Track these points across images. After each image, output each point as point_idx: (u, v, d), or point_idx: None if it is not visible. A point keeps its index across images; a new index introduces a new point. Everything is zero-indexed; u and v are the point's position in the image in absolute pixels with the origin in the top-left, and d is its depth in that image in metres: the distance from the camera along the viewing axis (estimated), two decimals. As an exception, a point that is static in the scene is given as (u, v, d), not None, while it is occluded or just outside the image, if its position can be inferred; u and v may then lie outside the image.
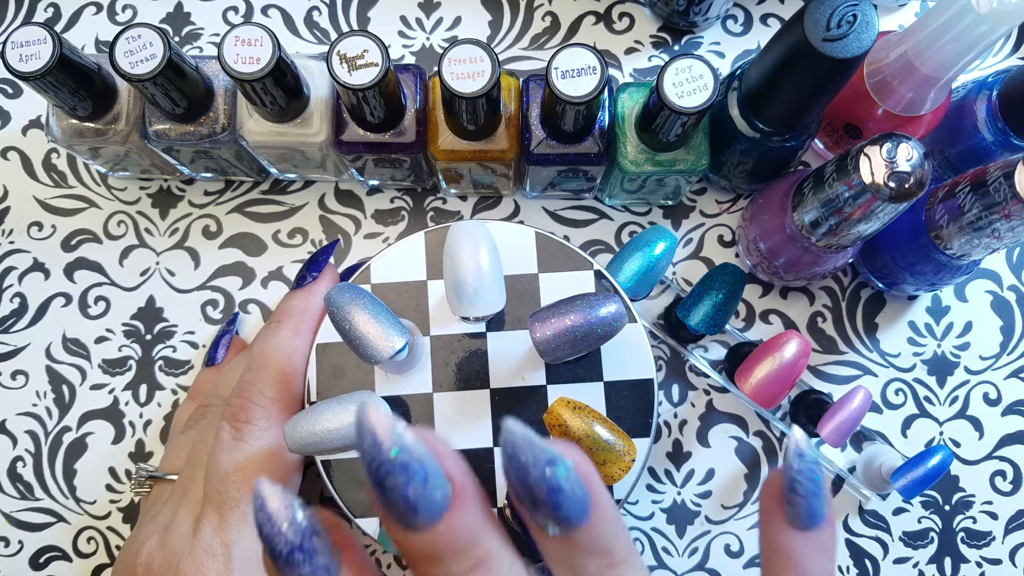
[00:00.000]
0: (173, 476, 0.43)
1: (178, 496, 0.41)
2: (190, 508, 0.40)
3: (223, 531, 0.38)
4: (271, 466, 0.39)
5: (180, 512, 0.40)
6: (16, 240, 0.52)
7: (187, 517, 0.39)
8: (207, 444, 0.41)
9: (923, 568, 0.49)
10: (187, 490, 0.40)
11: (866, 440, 0.49)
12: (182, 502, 0.40)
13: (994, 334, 0.51)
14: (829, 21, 0.36)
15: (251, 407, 0.40)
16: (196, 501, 0.40)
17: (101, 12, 0.54)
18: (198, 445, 0.42)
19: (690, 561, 0.49)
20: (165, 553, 0.38)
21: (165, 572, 0.38)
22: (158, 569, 0.38)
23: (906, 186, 0.37)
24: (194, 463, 0.41)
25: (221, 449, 0.39)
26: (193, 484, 0.40)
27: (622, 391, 0.41)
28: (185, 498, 0.40)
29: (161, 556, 0.38)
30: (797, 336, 0.42)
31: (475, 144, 0.44)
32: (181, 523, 0.39)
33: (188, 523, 0.39)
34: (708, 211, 0.52)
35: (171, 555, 0.38)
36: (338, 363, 0.42)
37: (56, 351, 0.51)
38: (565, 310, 0.36)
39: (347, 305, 0.36)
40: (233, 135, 0.44)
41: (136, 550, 0.39)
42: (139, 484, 0.44)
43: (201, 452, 0.41)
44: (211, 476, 0.39)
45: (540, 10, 0.54)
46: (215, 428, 0.41)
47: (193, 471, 0.41)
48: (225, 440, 0.39)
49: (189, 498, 0.40)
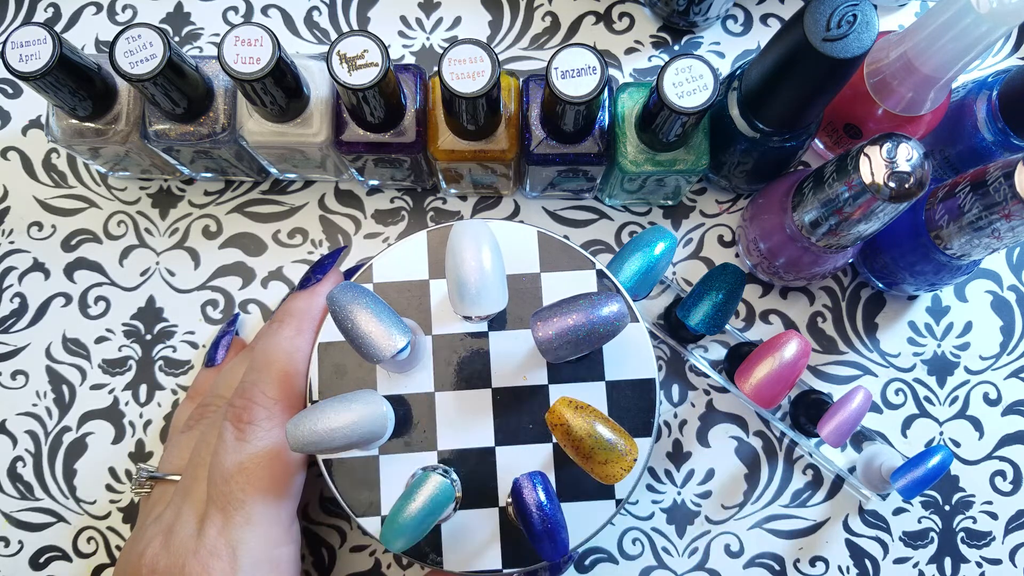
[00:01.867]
0: (174, 476, 0.43)
1: (181, 497, 0.40)
2: (193, 509, 0.39)
3: (227, 532, 0.38)
4: (274, 466, 0.39)
5: (183, 513, 0.40)
6: (16, 240, 0.51)
7: (191, 518, 0.39)
8: (209, 444, 0.41)
9: (923, 568, 0.49)
10: (190, 491, 0.40)
11: (866, 440, 0.49)
12: (185, 503, 0.40)
13: (994, 334, 0.52)
14: (829, 21, 0.36)
15: (254, 407, 0.40)
16: (199, 502, 0.40)
17: (101, 12, 0.54)
18: (200, 446, 0.42)
19: (690, 561, 0.49)
20: (169, 555, 0.38)
21: (169, 574, 0.38)
22: (163, 571, 0.38)
23: (906, 186, 0.37)
24: (196, 463, 0.41)
25: (224, 449, 0.39)
26: (196, 485, 0.40)
27: (624, 390, 0.41)
28: (188, 499, 0.40)
29: (165, 558, 0.38)
30: (797, 336, 0.42)
31: (475, 144, 0.44)
32: (185, 524, 0.39)
33: (192, 524, 0.39)
34: (708, 211, 0.52)
35: (175, 557, 0.38)
36: (340, 362, 0.41)
37: (56, 351, 0.51)
38: (567, 309, 0.36)
39: (349, 304, 0.36)
40: (233, 135, 0.44)
41: (140, 552, 0.39)
42: (139, 484, 0.44)
43: (204, 452, 0.41)
44: (214, 476, 0.39)
45: (540, 10, 0.54)
46: (217, 428, 0.41)
47: (196, 471, 0.41)
48: (228, 440, 0.39)
49: (192, 499, 0.40)
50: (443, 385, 0.41)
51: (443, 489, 0.36)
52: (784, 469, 0.50)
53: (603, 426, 0.35)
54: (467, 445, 0.41)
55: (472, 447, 0.41)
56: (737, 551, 0.49)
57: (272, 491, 0.39)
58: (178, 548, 0.38)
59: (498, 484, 0.40)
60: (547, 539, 0.36)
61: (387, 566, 0.49)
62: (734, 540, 0.49)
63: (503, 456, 0.41)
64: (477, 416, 0.41)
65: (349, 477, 0.40)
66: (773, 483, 0.50)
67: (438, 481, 0.36)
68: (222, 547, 0.38)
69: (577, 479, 0.40)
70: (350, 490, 0.40)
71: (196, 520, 0.39)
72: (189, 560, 0.38)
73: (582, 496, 0.40)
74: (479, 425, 0.41)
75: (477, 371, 0.41)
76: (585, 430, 0.34)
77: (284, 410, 0.40)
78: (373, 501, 0.40)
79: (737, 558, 0.49)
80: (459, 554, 0.40)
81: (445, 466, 0.40)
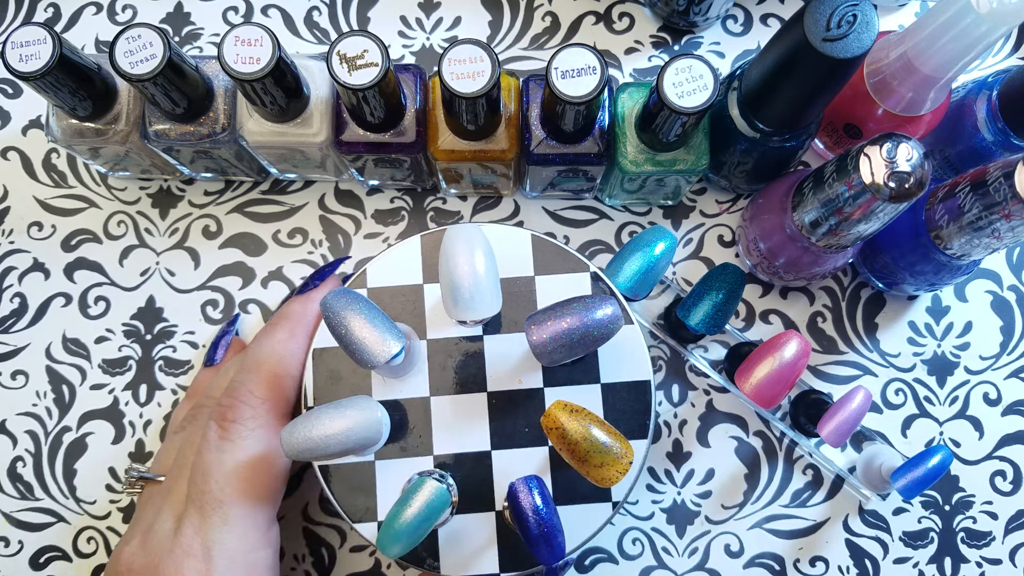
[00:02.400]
0: (163, 477, 0.43)
1: (162, 496, 0.40)
2: (172, 508, 0.39)
3: (204, 532, 0.38)
4: (257, 466, 0.39)
5: (163, 512, 0.39)
6: (16, 240, 0.52)
7: (169, 517, 0.39)
8: (195, 444, 0.41)
9: (923, 568, 0.49)
10: (171, 490, 0.40)
11: (866, 440, 0.49)
12: (166, 502, 0.40)
13: (994, 334, 0.51)
14: (829, 21, 0.36)
15: (239, 406, 0.40)
16: (179, 501, 0.39)
17: (101, 12, 0.54)
18: (186, 446, 0.41)
19: (690, 561, 0.49)
20: (146, 554, 0.38)
21: (145, 573, 0.38)
22: (139, 570, 0.38)
23: (906, 186, 0.37)
24: (181, 463, 0.41)
25: (207, 448, 0.39)
26: (178, 484, 0.40)
27: (619, 393, 0.41)
28: (169, 498, 0.40)
29: (142, 557, 0.38)
30: (797, 336, 0.42)
31: (475, 144, 0.44)
32: (163, 523, 0.39)
33: (169, 523, 0.39)
34: (708, 211, 0.52)
35: (151, 556, 0.38)
36: (335, 368, 0.41)
37: (56, 351, 0.51)
38: (561, 313, 0.36)
39: (343, 310, 0.36)
40: (233, 135, 0.44)
41: (120, 551, 0.39)
42: (130, 485, 0.44)
43: (188, 452, 0.41)
44: (195, 475, 0.39)
45: (540, 10, 0.54)
46: (203, 427, 0.41)
47: (180, 471, 0.40)
48: (211, 439, 0.39)
49: (173, 498, 0.40)
50: (438, 390, 0.41)
51: (439, 494, 0.36)
52: (784, 469, 0.50)
53: (598, 429, 0.35)
54: (463, 449, 0.41)
55: (468, 451, 0.41)
56: (737, 551, 0.49)
57: (252, 493, 0.39)
58: (154, 547, 0.38)
59: (494, 488, 0.40)
60: (543, 543, 0.36)
61: (387, 566, 0.49)
62: (734, 540, 0.49)
63: (499, 460, 0.41)
64: (473, 420, 0.41)
65: (345, 483, 0.40)
66: (773, 483, 0.50)
67: (434, 486, 0.36)
68: (197, 547, 0.37)
69: (573, 482, 0.40)
70: (346, 496, 0.40)
71: (174, 519, 0.39)
72: (164, 559, 0.37)
73: (578, 499, 0.40)
74: (475, 429, 0.41)
75: (472, 375, 0.41)
76: (580, 433, 0.34)
77: (271, 411, 0.40)
78: (369, 507, 0.40)
79: (737, 558, 0.49)
80: (456, 558, 0.40)
81: (441, 471, 0.40)
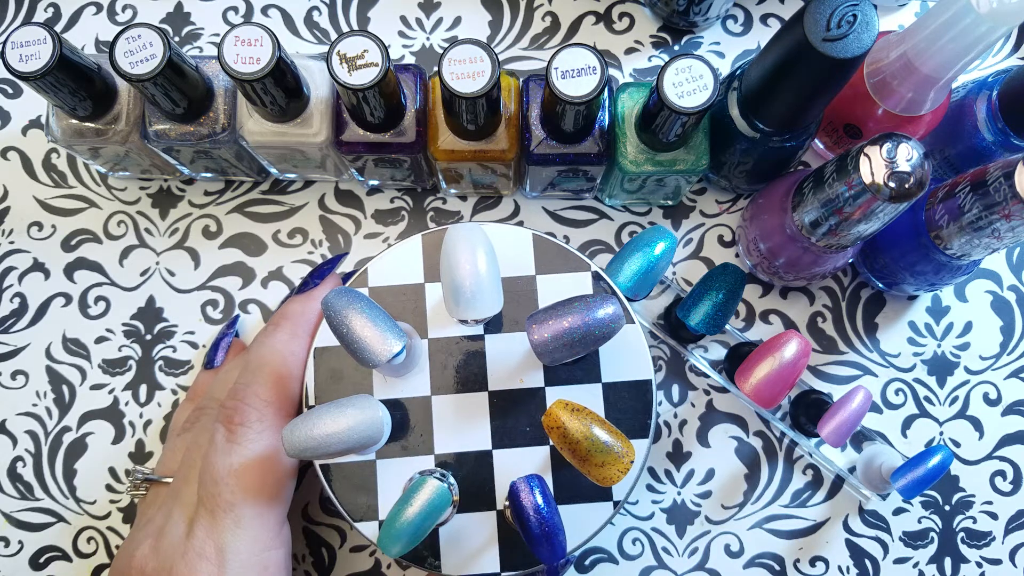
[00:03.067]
0: (168, 479, 0.43)
1: (172, 499, 0.40)
2: (183, 511, 0.39)
3: (216, 534, 0.38)
4: (264, 469, 0.39)
5: (174, 515, 0.39)
6: (16, 240, 0.52)
7: (180, 520, 0.39)
8: (201, 447, 0.41)
9: (923, 568, 0.49)
10: (180, 493, 0.40)
11: (866, 440, 0.49)
12: (175, 505, 0.40)
13: (994, 334, 0.51)
14: (829, 21, 0.36)
15: (245, 409, 0.40)
16: (190, 504, 0.39)
17: (101, 12, 0.54)
18: (192, 448, 0.41)
19: (690, 561, 0.49)
20: (158, 557, 0.38)
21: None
22: (151, 573, 0.38)
23: (906, 186, 0.37)
24: (188, 466, 0.41)
25: (215, 451, 0.39)
26: (187, 487, 0.40)
27: (620, 392, 0.41)
28: (178, 501, 0.40)
29: (154, 560, 0.38)
30: (797, 336, 0.42)
31: (475, 144, 0.44)
32: (174, 526, 0.39)
33: (181, 526, 0.39)
34: (708, 211, 0.52)
35: (164, 559, 0.38)
36: (336, 367, 0.41)
37: (56, 351, 0.51)
38: (563, 312, 0.36)
39: (344, 309, 0.36)
40: (233, 135, 0.44)
41: (131, 554, 0.39)
42: (135, 487, 0.44)
43: (195, 455, 0.41)
44: (205, 479, 0.39)
45: (540, 10, 0.54)
46: (209, 430, 0.41)
47: (187, 474, 0.40)
48: (219, 442, 0.39)
49: (182, 501, 0.40)
50: (439, 389, 0.41)
51: (440, 493, 0.36)
52: (784, 469, 0.50)
53: (599, 428, 0.35)
54: (464, 448, 0.41)
55: (469, 450, 0.41)
56: (737, 551, 0.49)
57: (262, 494, 0.39)
58: (167, 550, 0.38)
59: (495, 487, 0.40)
60: (545, 542, 0.36)
61: (387, 566, 0.49)
62: (734, 540, 0.49)
63: (500, 459, 0.41)
64: (474, 419, 0.41)
65: (346, 481, 0.40)
66: (773, 483, 0.50)
67: (435, 485, 0.36)
68: (210, 549, 0.38)
69: (574, 481, 0.40)
70: (347, 495, 0.40)
71: (185, 523, 0.39)
72: (177, 562, 0.37)
73: (579, 498, 0.40)
74: (476, 428, 0.41)
75: (473, 374, 0.41)
76: (581, 432, 0.34)
77: (276, 412, 0.40)
78: (370, 506, 0.40)
79: (737, 558, 0.49)
80: (457, 558, 0.40)
81: (442, 470, 0.40)
